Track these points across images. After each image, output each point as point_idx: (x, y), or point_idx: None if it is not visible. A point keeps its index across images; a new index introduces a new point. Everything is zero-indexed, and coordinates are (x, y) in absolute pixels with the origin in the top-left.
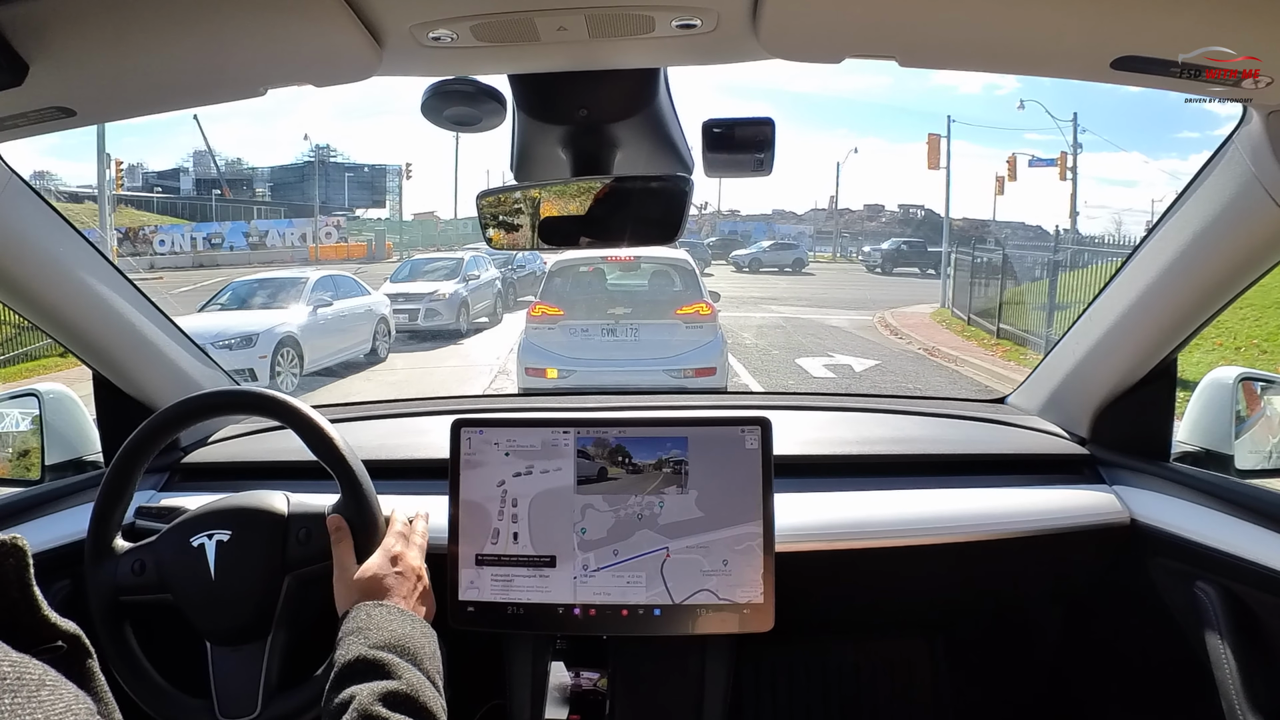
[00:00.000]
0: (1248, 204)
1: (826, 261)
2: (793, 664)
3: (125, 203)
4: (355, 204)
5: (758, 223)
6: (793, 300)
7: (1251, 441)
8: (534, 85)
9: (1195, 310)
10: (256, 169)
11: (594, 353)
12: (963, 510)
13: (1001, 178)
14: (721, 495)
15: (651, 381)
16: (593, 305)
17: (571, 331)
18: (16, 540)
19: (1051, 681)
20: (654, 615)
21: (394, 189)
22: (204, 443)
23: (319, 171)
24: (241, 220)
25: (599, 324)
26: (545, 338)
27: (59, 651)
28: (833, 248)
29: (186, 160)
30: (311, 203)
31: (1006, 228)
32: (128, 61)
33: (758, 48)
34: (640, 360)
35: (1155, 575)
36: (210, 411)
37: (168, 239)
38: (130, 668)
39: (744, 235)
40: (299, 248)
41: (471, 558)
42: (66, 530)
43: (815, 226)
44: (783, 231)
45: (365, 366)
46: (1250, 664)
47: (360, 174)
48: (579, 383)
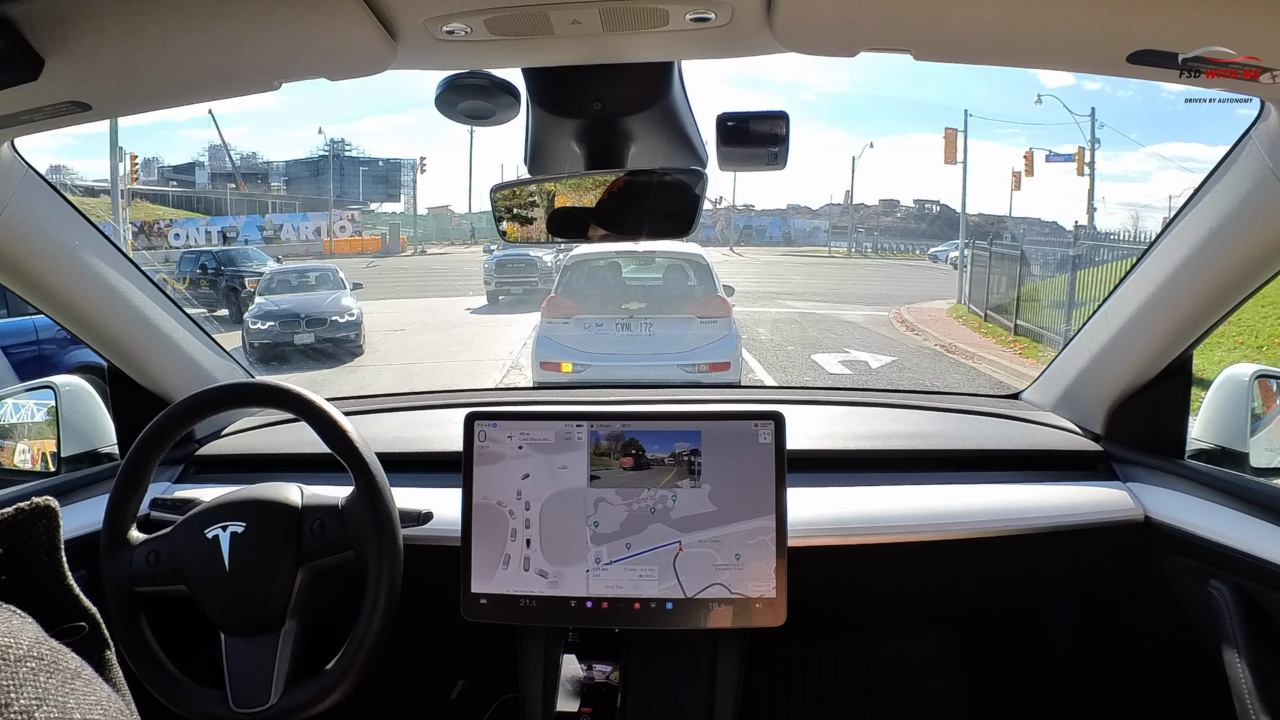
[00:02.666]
0: (1265, 199)
1: (842, 257)
2: (805, 658)
3: (140, 197)
4: (370, 198)
5: (773, 217)
6: (808, 295)
7: (1267, 439)
8: (548, 79)
9: (1211, 307)
10: (272, 163)
11: (609, 347)
12: (976, 506)
13: (1018, 173)
14: (734, 489)
15: (666, 377)
16: (608, 300)
17: (586, 326)
18: (48, 501)
19: (1065, 677)
20: (666, 609)
21: (409, 183)
22: (218, 435)
23: (334, 166)
24: (256, 214)
25: (614, 319)
26: (560, 332)
27: (81, 633)
28: (848, 243)
29: (202, 155)
30: (327, 196)
31: (1022, 223)
32: (142, 56)
33: (772, 41)
34: (655, 355)
35: (1169, 572)
36: (226, 404)
37: (182, 233)
38: (145, 658)
39: (759, 230)
40: (314, 241)
41: (485, 550)
42: (83, 521)
43: (831, 221)
44: (798, 226)
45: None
46: (1263, 662)
47: (375, 168)
48: (593, 377)
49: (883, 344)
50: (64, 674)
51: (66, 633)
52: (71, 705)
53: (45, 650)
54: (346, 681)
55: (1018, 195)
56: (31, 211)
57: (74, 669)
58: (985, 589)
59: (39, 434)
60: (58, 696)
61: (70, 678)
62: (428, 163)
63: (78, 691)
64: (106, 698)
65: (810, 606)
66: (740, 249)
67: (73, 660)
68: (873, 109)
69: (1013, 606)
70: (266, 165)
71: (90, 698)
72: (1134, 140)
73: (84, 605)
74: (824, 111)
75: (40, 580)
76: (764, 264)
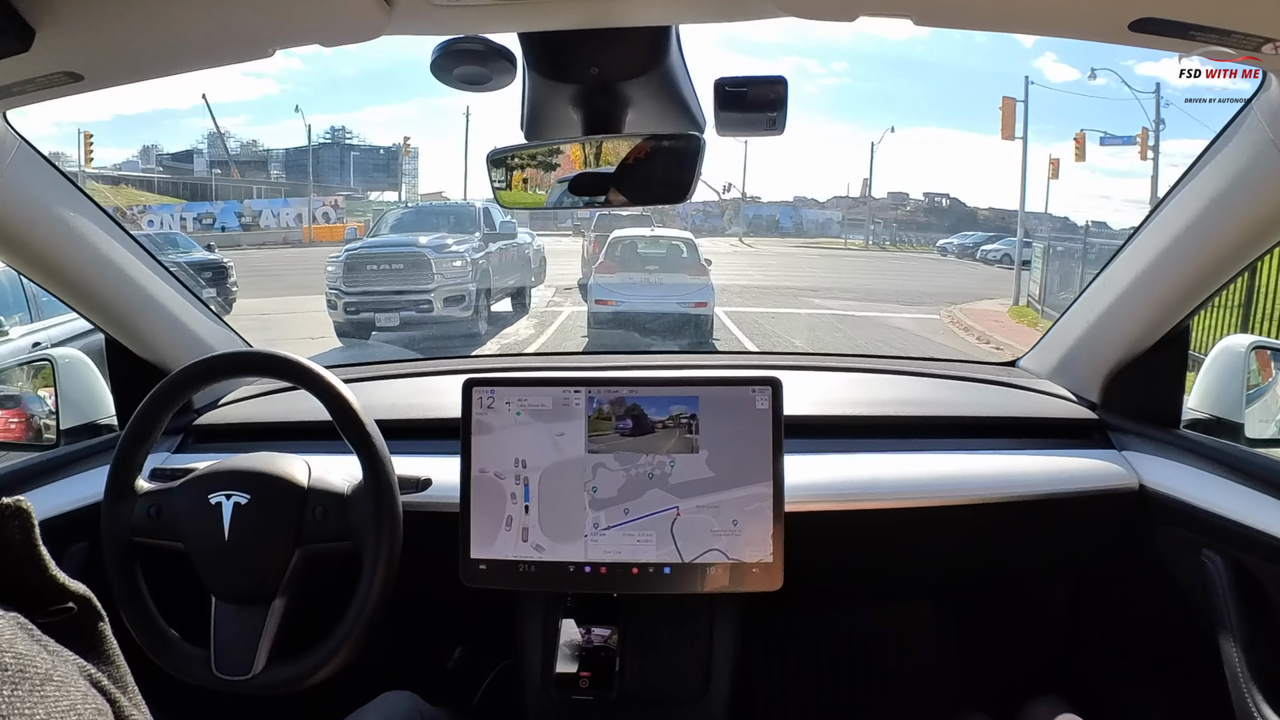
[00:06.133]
0: (1264, 171)
1: (859, 249)
2: (800, 628)
3: (126, 182)
4: (370, 186)
5: (784, 207)
6: (837, 292)
7: (1262, 410)
8: (544, 43)
9: (1209, 277)
10: (271, 151)
11: (636, 292)
12: (972, 473)
13: (1056, 160)
14: (732, 455)
15: (668, 308)
16: (632, 264)
17: (622, 279)
18: (20, 503)
19: (1059, 645)
20: (664, 574)
21: (410, 171)
22: (215, 405)
23: (333, 153)
24: (238, 200)
25: (639, 275)
26: (607, 281)
27: (69, 614)
28: (865, 235)
29: (201, 142)
30: (327, 183)
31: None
32: (134, 24)
33: (770, 5)
34: (663, 297)
35: (1162, 542)
36: (235, 371)
37: (156, 219)
38: (136, 609)
39: (770, 220)
40: (294, 228)
41: (483, 516)
42: (83, 493)
43: (841, 213)
44: (810, 217)
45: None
46: (1255, 633)
47: (375, 156)
48: (625, 308)
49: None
50: (32, 681)
51: (55, 614)
52: (40, 716)
53: (10, 659)
54: (327, 667)
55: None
56: (26, 184)
57: (44, 673)
58: (980, 557)
59: (38, 406)
60: (24, 708)
61: (40, 684)
62: (413, 143)
63: (49, 699)
64: (81, 699)
65: (806, 574)
66: (750, 240)
67: (44, 663)
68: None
69: (1007, 576)
70: (267, 153)
71: (63, 703)
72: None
73: (71, 589)
74: (826, 103)
75: (19, 575)
76: (779, 256)
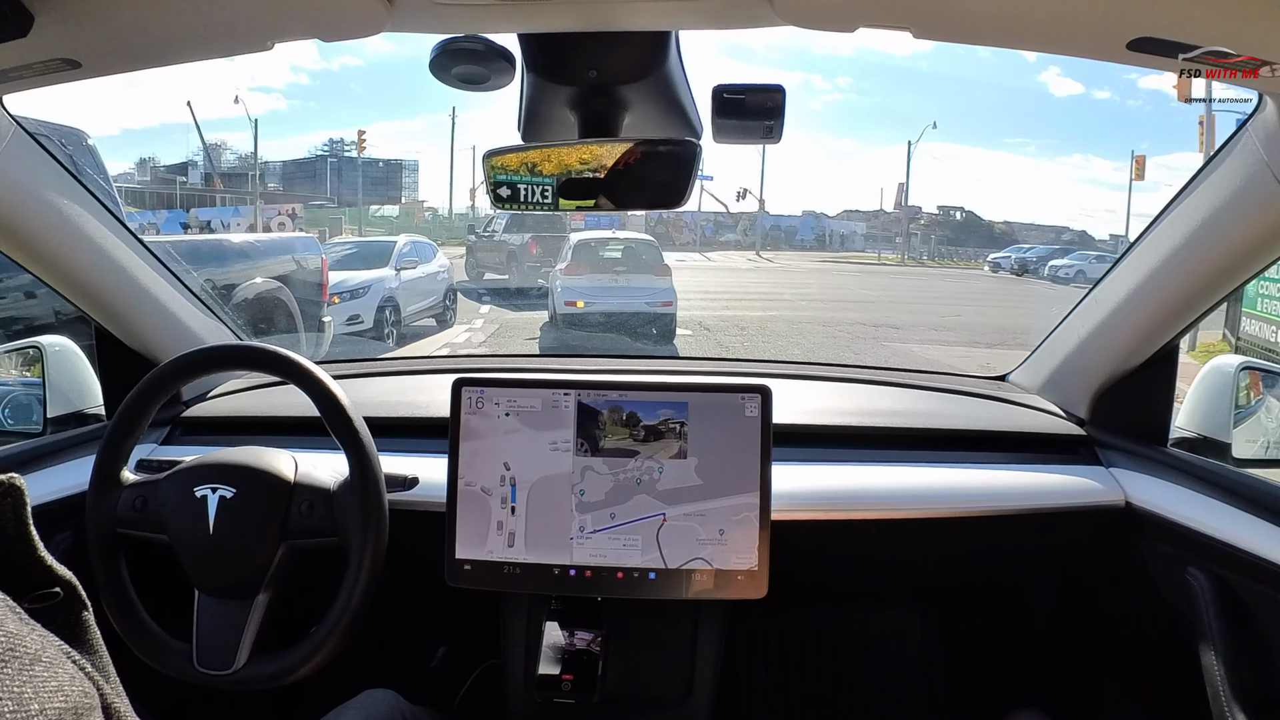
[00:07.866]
0: (1257, 193)
1: (895, 264)
2: (785, 631)
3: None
4: (370, 199)
5: (805, 218)
6: (922, 329)
7: (1250, 430)
8: (543, 45)
9: (1199, 296)
10: (268, 163)
11: (603, 293)
12: (958, 485)
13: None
14: (720, 462)
15: (636, 308)
16: (599, 265)
17: (590, 280)
18: (13, 480)
19: (1042, 656)
20: (649, 578)
21: (411, 184)
22: (204, 397)
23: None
24: (206, 207)
25: (605, 277)
26: (574, 284)
27: (55, 599)
28: (901, 251)
29: (197, 154)
30: (324, 196)
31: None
32: (133, 12)
33: (770, 13)
34: (629, 297)
35: (1148, 558)
36: (225, 364)
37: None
38: (119, 600)
39: (789, 232)
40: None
41: (469, 516)
42: (69, 482)
43: (868, 224)
44: (833, 228)
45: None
46: (1236, 650)
47: (375, 169)
48: (594, 309)
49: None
50: (21, 660)
51: (40, 599)
52: (29, 695)
53: (0, 636)
54: (310, 664)
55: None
56: (19, 170)
57: (34, 653)
58: (966, 567)
59: (25, 394)
60: (13, 686)
61: (29, 663)
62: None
63: (37, 678)
64: (69, 680)
65: (792, 579)
66: (768, 253)
67: (34, 643)
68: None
69: (992, 585)
70: (264, 165)
71: (51, 683)
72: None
73: (58, 573)
74: (830, 121)
75: (10, 555)
76: (812, 273)
